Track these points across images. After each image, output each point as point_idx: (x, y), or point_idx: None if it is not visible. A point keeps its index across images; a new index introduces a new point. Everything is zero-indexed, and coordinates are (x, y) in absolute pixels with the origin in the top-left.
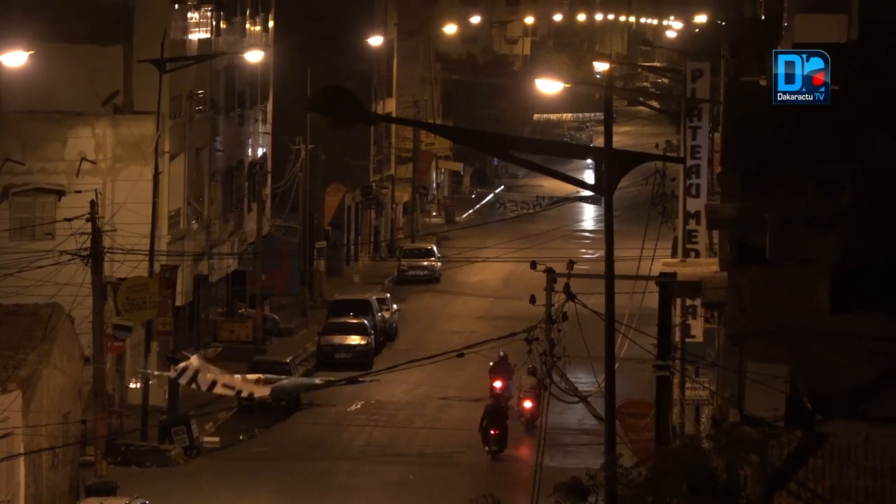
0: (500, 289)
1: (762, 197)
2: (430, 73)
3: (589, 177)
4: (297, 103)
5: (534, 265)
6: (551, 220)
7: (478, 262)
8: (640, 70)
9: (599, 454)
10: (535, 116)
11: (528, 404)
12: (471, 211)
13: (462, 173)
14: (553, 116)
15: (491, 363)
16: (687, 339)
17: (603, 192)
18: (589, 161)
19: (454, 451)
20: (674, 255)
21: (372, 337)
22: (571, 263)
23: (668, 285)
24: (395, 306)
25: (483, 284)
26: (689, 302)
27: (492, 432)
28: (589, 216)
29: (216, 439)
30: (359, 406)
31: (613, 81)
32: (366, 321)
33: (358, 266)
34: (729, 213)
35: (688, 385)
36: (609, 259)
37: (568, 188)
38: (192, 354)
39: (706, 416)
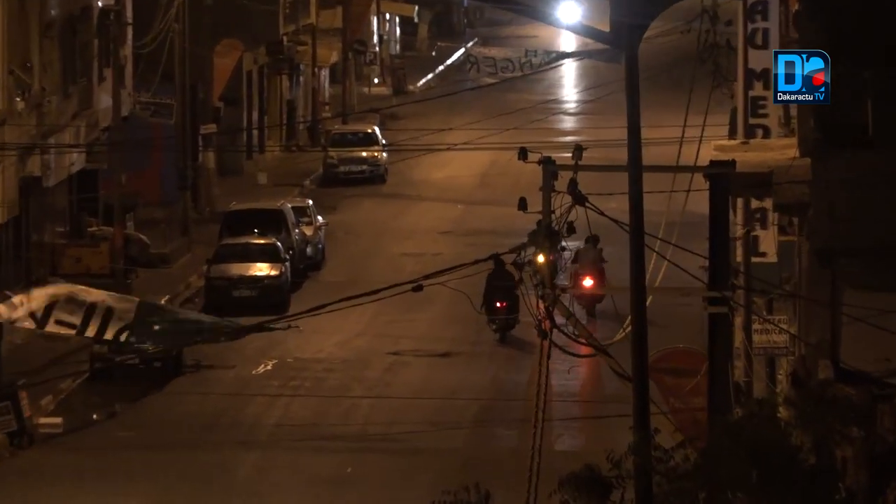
0: (474, 190)
1: (863, 47)
2: None
3: (604, 20)
4: None
5: (523, 153)
6: (549, 87)
7: (441, 149)
8: None
9: (626, 431)
10: None
11: (587, 282)
12: (430, 76)
13: (417, 20)
14: None
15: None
16: (753, 259)
17: (622, 42)
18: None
19: (411, 431)
20: (731, 135)
21: (287, 265)
22: (580, 150)
23: (724, 179)
24: (320, 219)
25: (450, 183)
26: (755, 204)
27: (497, 304)
28: (605, 78)
29: (57, 420)
30: (269, 367)
31: None
32: (277, 241)
33: (265, 160)
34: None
35: (756, 326)
36: (634, 142)
37: (572, 38)
38: (20, 294)
39: (784, 371)
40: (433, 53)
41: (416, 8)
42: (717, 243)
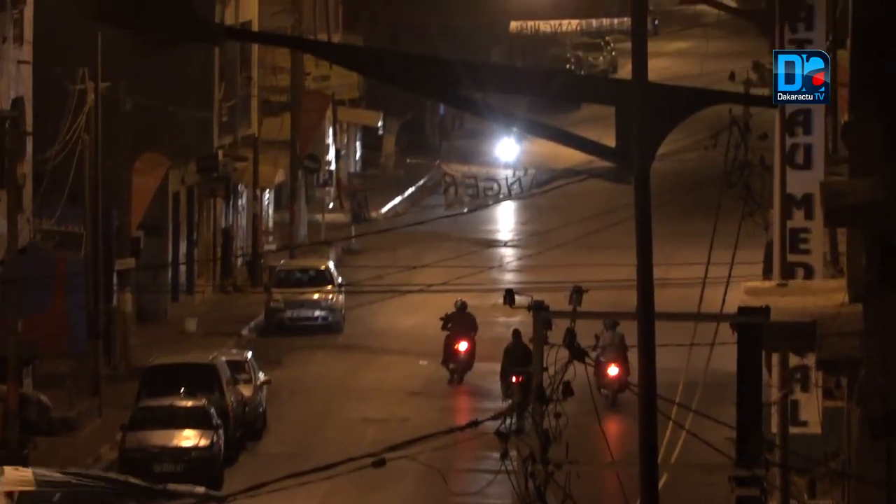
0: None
1: None
2: None
3: (610, 134)
4: (77, 7)
5: (510, 296)
6: (541, 213)
7: (411, 291)
8: None
9: None
10: (513, 25)
11: (612, 370)
12: (397, 200)
13: (382, 132)
14: (543, 25)
15: (444, 315)
16: (792, 430)
17: (632, 161)
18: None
19: None
20: (766, 275)
21: (220, 432)
22: (579, 293)
23: (756, 331)
24: (261, 375)
25: (421, 333)
26: (794, 361)
27: (514, 380)
28: (612, 203)
29: None
30: None
31: None
32: (208, 403)
33: (194, 303)
34: (866, 195)
35: None
36: (646, 282)
37: (574, 155)
38: None
39: None
40: (401, 172)
41: (381, 116)
42: (746, 409)
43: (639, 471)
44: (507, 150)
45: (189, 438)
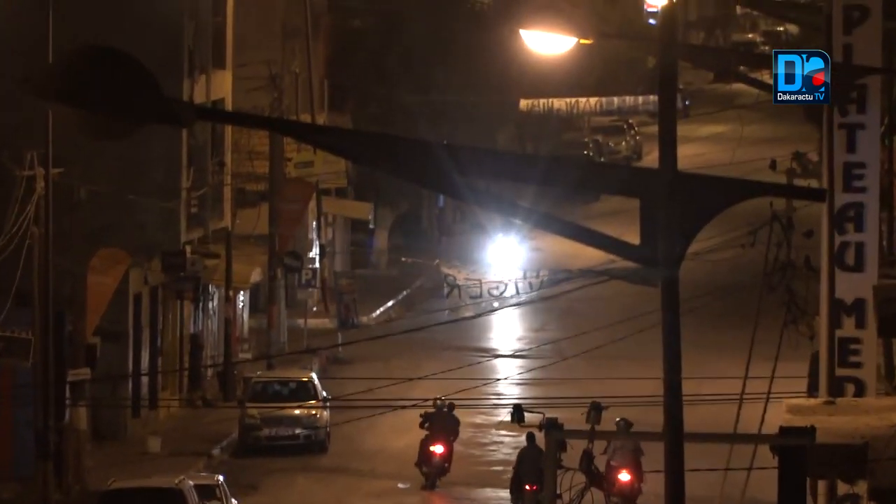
0: (452, 465)
1: None
2: (304, 18)
3: (634, 231)
4: (26, 83)
5: (519, 414)
6: (555, 319)
7: (405, 407)
8: (738, 10)
9: None
10: (523, 104)
11: (624, 476)
12: (390, 303)
13: (372, 225)
14: (558, 103)
15: (423, 413)
16: None
17: (658, 261)
18: (633, 199)
19: None
20: (811, 391)
21: None
22: (598, 409)
23: (799, 454)
24: (234, 503)
25: (415, 453)
26: (842, 488)
27: (528, 488)
28: (637, 308)
29: None
30: None
31: (683, 30)
32: None
33: (157, 419)
34: None
35: None
36: (673, 400)
37: (593, 254)
38: None
39: None
40: (395, 272)
41: (372, 208)
42: None
43: None
44: (506, 252)
45: None
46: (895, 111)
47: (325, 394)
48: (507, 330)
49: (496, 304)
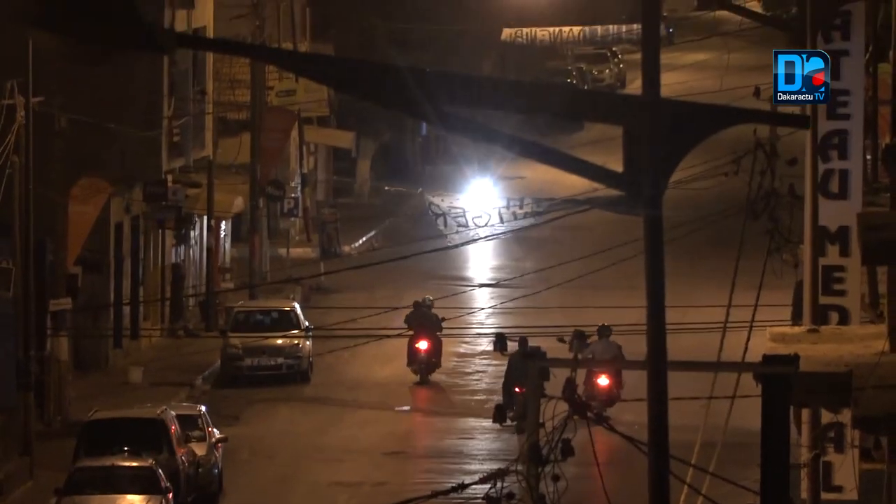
0: (432, 391)
1: None
2: None
3: (617, 158)
4: (9, 10)
5: (501, 342)
6: (537, 247)
7: (389, 337)
8: None
9: None
10: (506, 33)
11: (603, 381)
12: (373, 233)
13: (355, 154)
14: (541, 33)
15: (406, 316)
16: (824, 495)
17: (642, 189)
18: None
19: None
20: (795, 319)
21: (169, 497)
22: (581, 337)
23: (783, 382)
24: (216, 432)
25: (400, 384)
26: (826, 417)
27: (517, 390)
28: (620, 237)
29: None
30: None
31: None
32: (155, 464)
33: (139, 349)
34: None
35: None
36: (656, 329)
37: (576, 182)
38: None
39: None
40: (378, 201)
41: (355, 137)
42: (772, 472)
43: None
44: (488, 183)
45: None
46: (879, 39)
47: (307, 323)
48: (489, 260)
49: (480, 234)
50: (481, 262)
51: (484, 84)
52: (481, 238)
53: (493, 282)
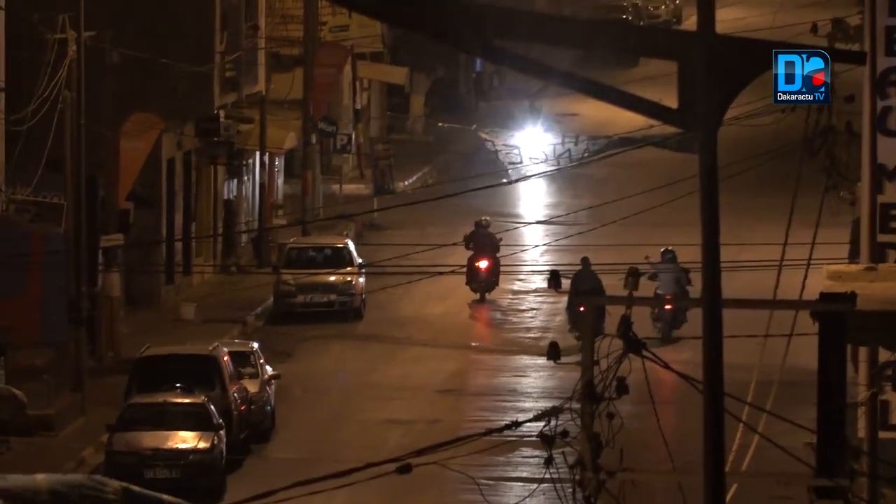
0: (486, 330)
1: None
2: None
3: (672, 95)
4: None
5: (556, 280)
6: (592, 185)
7: (442, 273)
8: None
9: None
10: None
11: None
12: (427, 169)
13: (408, 90)
14: None
15: (465, 235)
16: (881, 434)
17: (697, 125)
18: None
19: None
20: (852, 257)
21: (221, 434)
22: (636, 276)
23: (840, 321)
24: (269, 369)
25: (453, 322)
26: (884, 355)
27: (581, 309)
28: (675, 174)
29: None
30: None
31: None
32: (208, 401)
33: (191, 286)
34: None
35: None
36: (711, 267)
37: (631, 119)
38: None
39: None
40: (431, 137)
41: (408, 73)
42: (828, 411)
43: (703, 481)
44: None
45: (186, 440)
46: None
47: (360, 260)
48: (543, 197)
49: (533, 171)
50: (536, 199)
51: (539, 19)
52: (534, 175)
53: (546, 219)
